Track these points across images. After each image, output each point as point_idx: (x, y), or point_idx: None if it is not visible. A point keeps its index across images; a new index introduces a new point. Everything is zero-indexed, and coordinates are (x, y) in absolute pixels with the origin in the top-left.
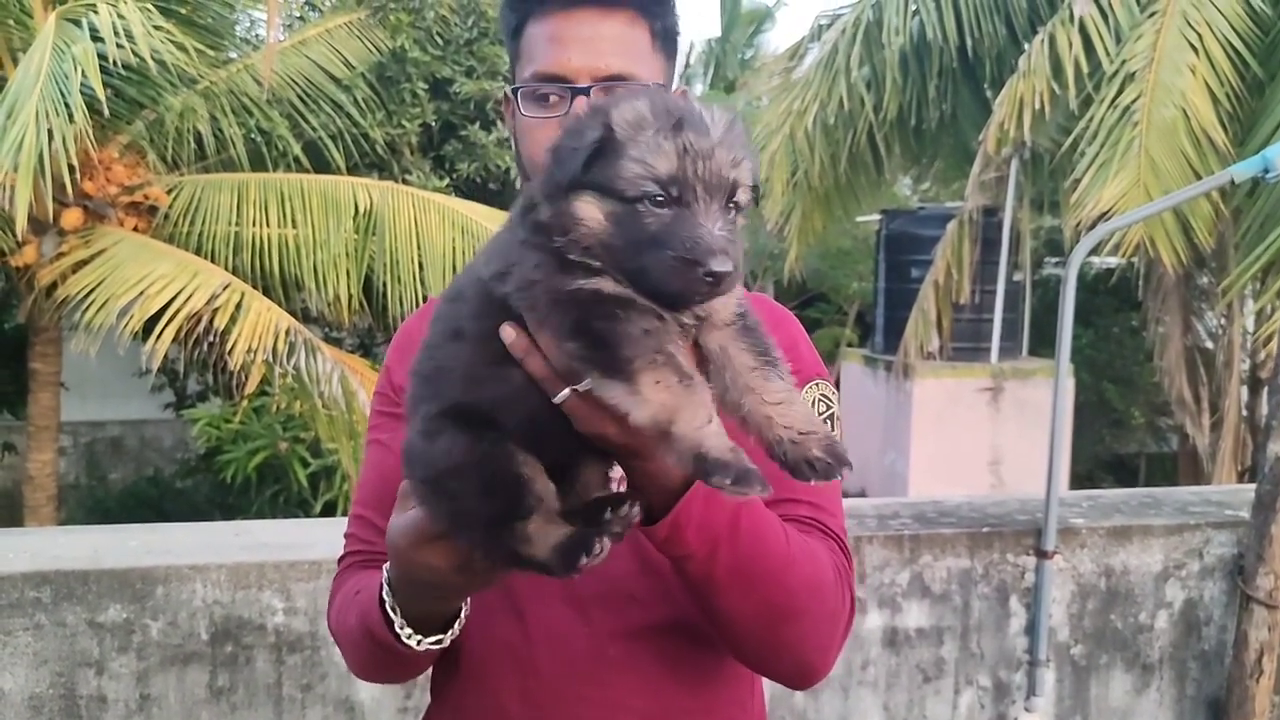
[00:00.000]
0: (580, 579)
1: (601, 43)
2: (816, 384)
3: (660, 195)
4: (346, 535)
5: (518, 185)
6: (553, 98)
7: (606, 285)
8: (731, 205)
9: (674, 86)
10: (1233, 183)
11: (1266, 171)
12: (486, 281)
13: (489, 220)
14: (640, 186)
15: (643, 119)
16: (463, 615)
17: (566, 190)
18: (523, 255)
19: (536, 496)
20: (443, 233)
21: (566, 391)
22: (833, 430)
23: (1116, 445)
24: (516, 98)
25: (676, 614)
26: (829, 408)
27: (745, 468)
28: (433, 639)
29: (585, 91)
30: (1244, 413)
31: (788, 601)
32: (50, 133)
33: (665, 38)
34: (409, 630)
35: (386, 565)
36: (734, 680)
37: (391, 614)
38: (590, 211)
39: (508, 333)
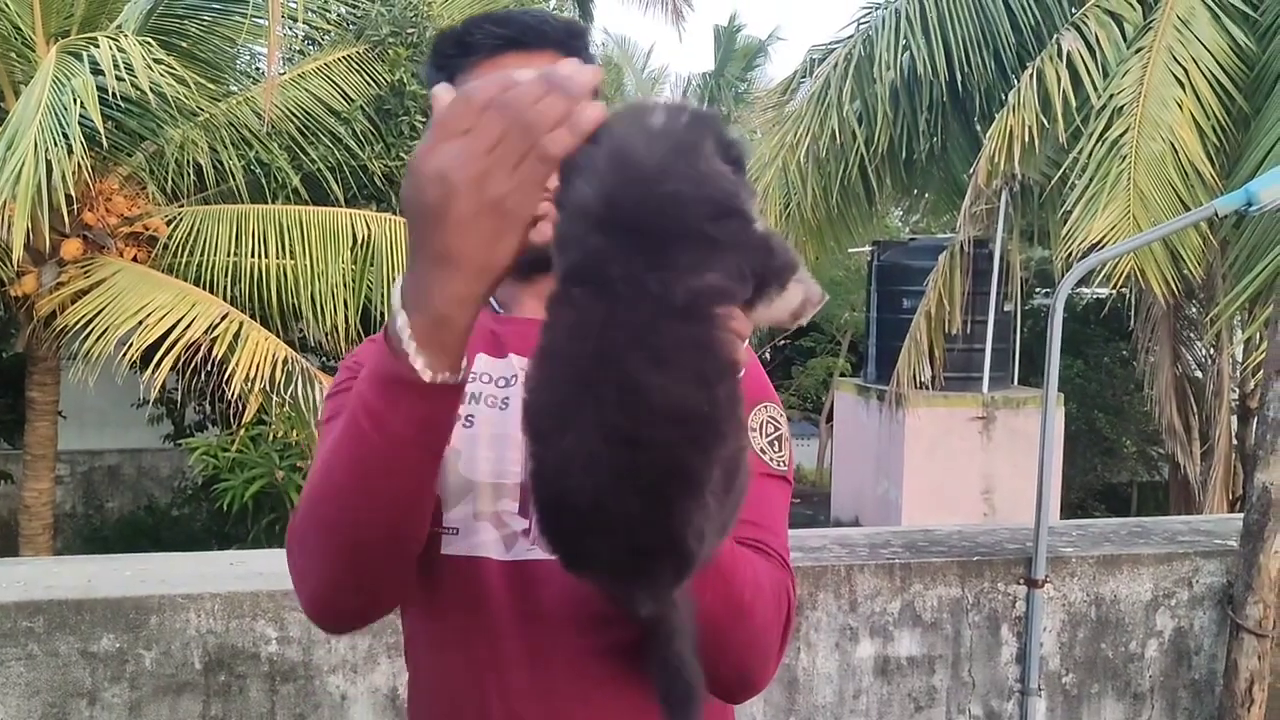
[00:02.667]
0: (555, 602)
1: None
2: (764, 406)
3: None
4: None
5: None
6: None
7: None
8: None
9: None
10: (1217, 215)
11: (1249, 205)
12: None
13: None
14: None
15: None
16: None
17: None
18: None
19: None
20: None
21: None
22: (780, 451)
23: (1108, 474)
24: None
25: None
26: (777, 429)
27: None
28: (444, 375)
29: None
30: (1234, 442)
31: (738, 600)
32: (49, 164)
33: None
34: (414, 347)
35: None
36: (710, 699)
37: (398, 329)
38: None
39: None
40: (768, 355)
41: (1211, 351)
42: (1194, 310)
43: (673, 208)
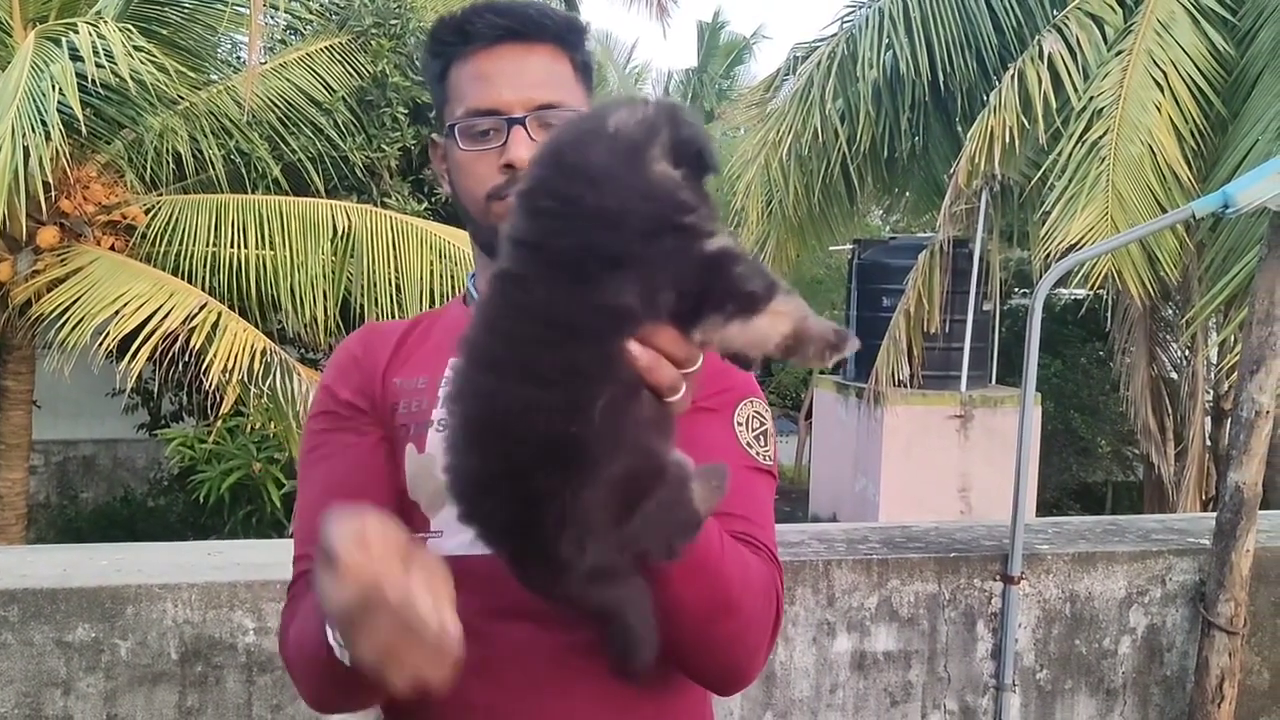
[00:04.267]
0: (538, 598)
1: (529, 74)
2: (749, 401)
3: None
4: (297, 558)
5: None
6: (490, 131)
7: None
8: None
9: None
10: (1194, 217)
11: (1226, 207)
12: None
13: (466, 244)
14: None
15: None
16: None
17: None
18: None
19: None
20: (420, 256)
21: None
22: (765, 446)
23: (1083, 473)
24: (455, 134)
25: None
26: (762, 424)
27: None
28: None
29: (521, 121)
30: (1208, 443)
31: (724, 595)
32: (27, 151)
33: (584, 70)
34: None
35: None
36: (689, 693)
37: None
38: None
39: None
40: None
41: (1187, 353)
42: (1170, 312)
43: (587, 230)
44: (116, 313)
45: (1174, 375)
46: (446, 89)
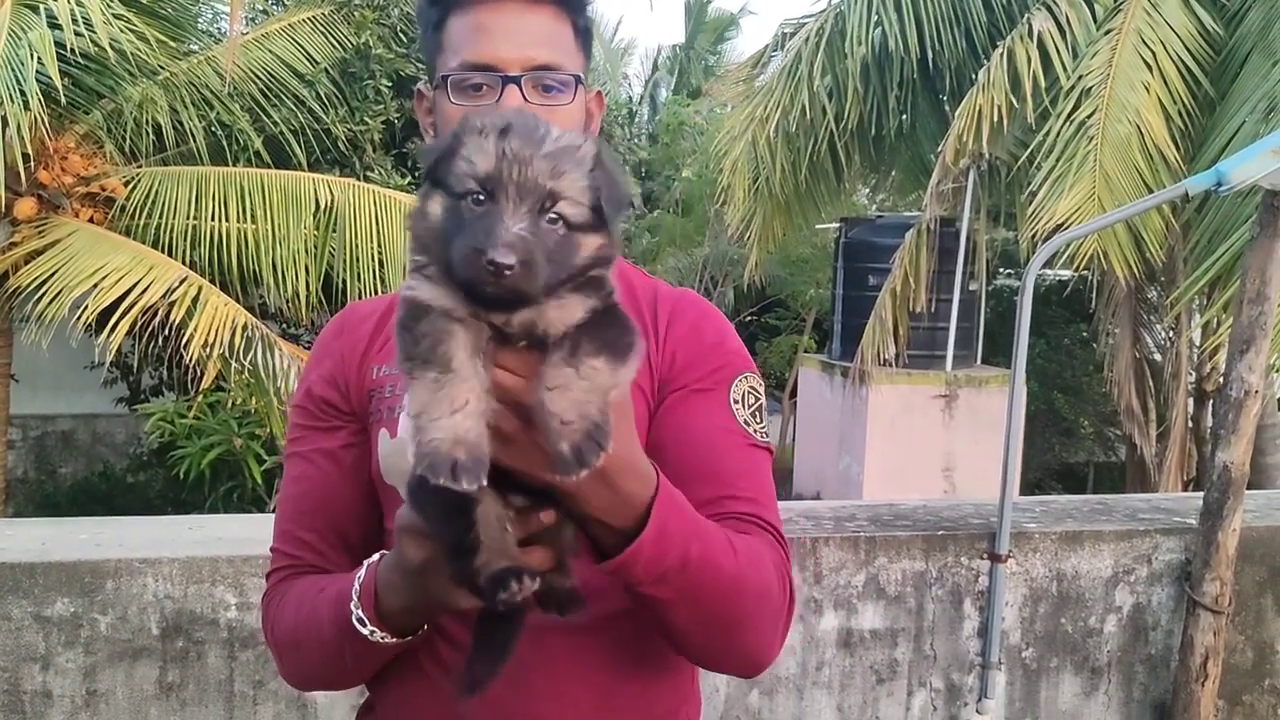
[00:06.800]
0: None
1: (529, 33)
2: (744, 377)
3: (479, 193)
4: (272, 551)
5: None
6: (483, 86)
7: (421, 290)
8: (555, 217)
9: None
10: (1187, 195)
11: (1219, 185)
12: None
13: None
14: (464, 183)
15: (481, 125)
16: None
17: (429, 190)
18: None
19: (478, 536)
20: (404, 230)
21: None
22: (761, 423)
23: (1066, 454)
24: (447, 85)
25: (618, 608)
26: (757, 400)
27: (450, 460)
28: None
29: (516, 80)
30: (1190, 424)
31: (736, 614)
32: (4, 120)
33: (585, 35)
34: (371, 628)
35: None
36: (675, 670)
37: (355, 608)
38: (434, 207)
39: None
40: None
41: (1170, 335)
42: (1154, 294)
43: None
44: (95, 285)
45: (1157, 356)
46: (442, 38)
